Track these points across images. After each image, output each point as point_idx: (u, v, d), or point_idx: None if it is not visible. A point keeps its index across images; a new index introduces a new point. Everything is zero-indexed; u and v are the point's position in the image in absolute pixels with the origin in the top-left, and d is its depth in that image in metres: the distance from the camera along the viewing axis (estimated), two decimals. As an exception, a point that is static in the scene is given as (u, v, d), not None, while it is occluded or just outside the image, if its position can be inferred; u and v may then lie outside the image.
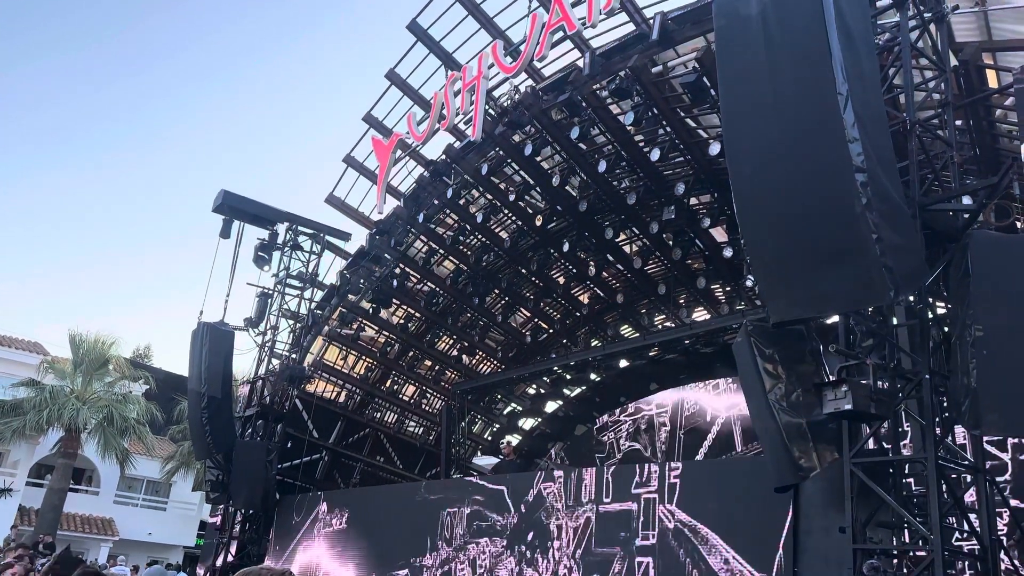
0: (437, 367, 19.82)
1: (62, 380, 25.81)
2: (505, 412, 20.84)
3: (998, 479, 7.52)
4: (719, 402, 14.89)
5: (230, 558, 16.00)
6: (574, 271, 17.63)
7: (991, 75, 9.96)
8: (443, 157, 14.97)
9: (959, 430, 7.62)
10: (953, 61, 8.81)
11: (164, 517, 31.84)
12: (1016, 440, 9.84)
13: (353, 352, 18.59)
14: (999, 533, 7.05)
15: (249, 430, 16.58)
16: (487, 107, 13.31)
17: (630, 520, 9.97)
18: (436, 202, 15.52)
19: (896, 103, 8.20)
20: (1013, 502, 8.64)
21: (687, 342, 16.88)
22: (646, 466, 10.34)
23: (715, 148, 11.79)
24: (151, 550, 29.89)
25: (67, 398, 24.75)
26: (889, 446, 7.55)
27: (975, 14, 9.62)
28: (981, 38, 9.85)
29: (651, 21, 11.43)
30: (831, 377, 7.11)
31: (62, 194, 76.63)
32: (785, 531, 8.21)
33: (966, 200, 7.49)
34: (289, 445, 17.13)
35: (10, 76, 68.56)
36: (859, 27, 6.61)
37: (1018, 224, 9.78)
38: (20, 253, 72.27)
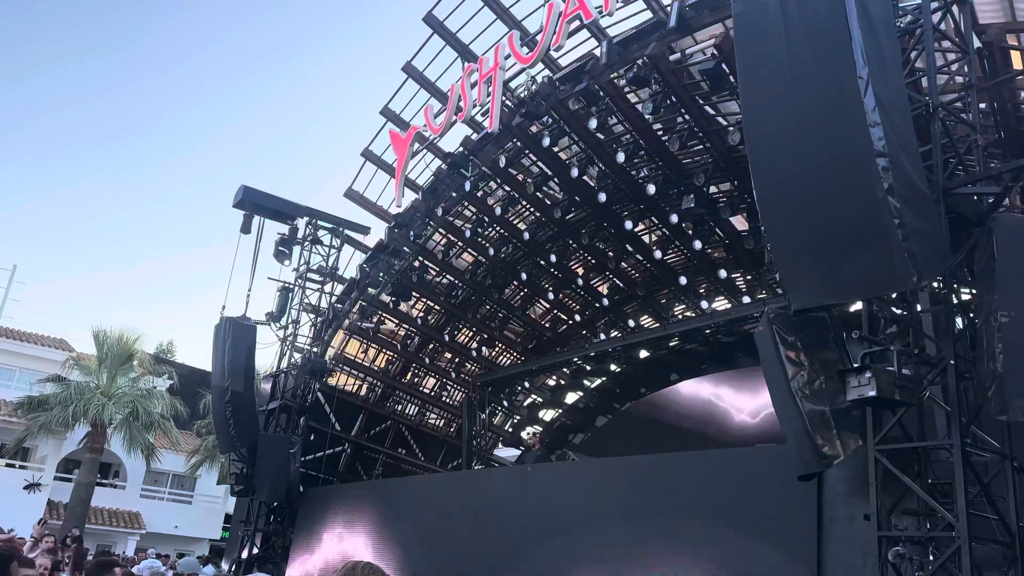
0: (457, 359, 19.87)
1: (87, 376, 26.13)
2: (526, 404, 20.88)
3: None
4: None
5: (255, 550, 16.17)
6: (593, 262, 17.59)
7: (1015, 56, 9.80)
8: (460, 149, 14.98)
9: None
10: (976, 43, 8.66)
11: (190, 510, 32.20)
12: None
13: (374, 345, 18.69)
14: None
15: (272, 423, 16.73)
16: (504, 98, 13.29)
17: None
18: (454, 194, 15.52)
19: (918, 86, 8.10)
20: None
21: (708, 332, 16.82)
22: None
23: (736, 137, 11.69)
24: (177, 543, 30.24)
25: (92, 394, 25.05)
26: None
27: (999, -5, 9.46)
28: (1005, 19, 9.68)
29: (669, 8, 11.33)
30: (854, 364, 7.04)
31: (85, 195, 77.50)
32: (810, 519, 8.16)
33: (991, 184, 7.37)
34: (312, 438, 17.28)
35: (31, 86, 69.35)
36: (880, 10, 6.53)
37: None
38: (46, 254, 73.22)
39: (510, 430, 20.99)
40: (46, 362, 28.47)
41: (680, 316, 19.15)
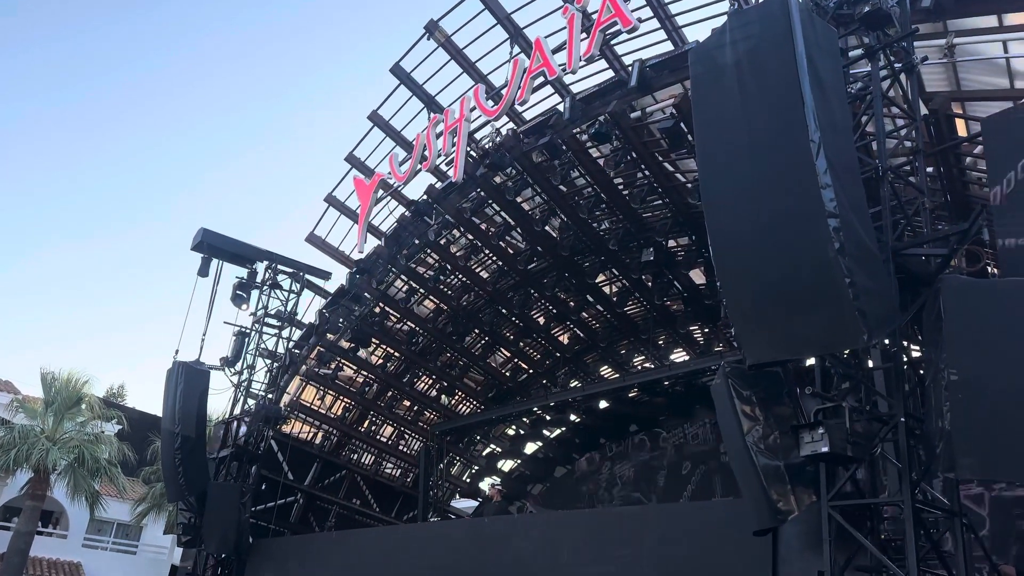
0: (416, 407, 19.67)
1: (33, 420, 25.24)
2: (484, 453, 20.67)
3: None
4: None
5: (201, 604, 15.58)
6: (554, 311, 17.68)
7: (960, 124, 10.22)
8: (424, 197, 15.06)
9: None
10: (923, 110, 9.03)
11: (134, 561, 30.99)
12: (994, 493, 9.91)
13: (331, 392, 18.42)
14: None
15: (223, 471, 16.28)
16: (469, 149, 13.44)
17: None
18: (417, 242, 15.56)
19: (869, 150, 8.39)
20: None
21: (667, 383, 16.93)
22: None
23: (695, 196, 11.96)
24: (119, 596, 29.05)
25: (37, 438, 24.17)
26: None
27: (944, 65, 9.90)
28: (950, 88, 10.13)
29: (630, 68, 11.66)
30: (808, 419, 7.12)
31: (34, 228, 75.99)
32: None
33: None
34: (264, 487, 16.85)
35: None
36: (831, 77, 6.78)
37: (988, 269, 9.95)
38: (-6, 289, 71.17)
39: (468, 480, 20.74)
40: (-10, 404, 27.48)
41: (640, 367, 19.27)
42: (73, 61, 77.78)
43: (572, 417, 19.44)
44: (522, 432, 20.33)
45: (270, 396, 17.08)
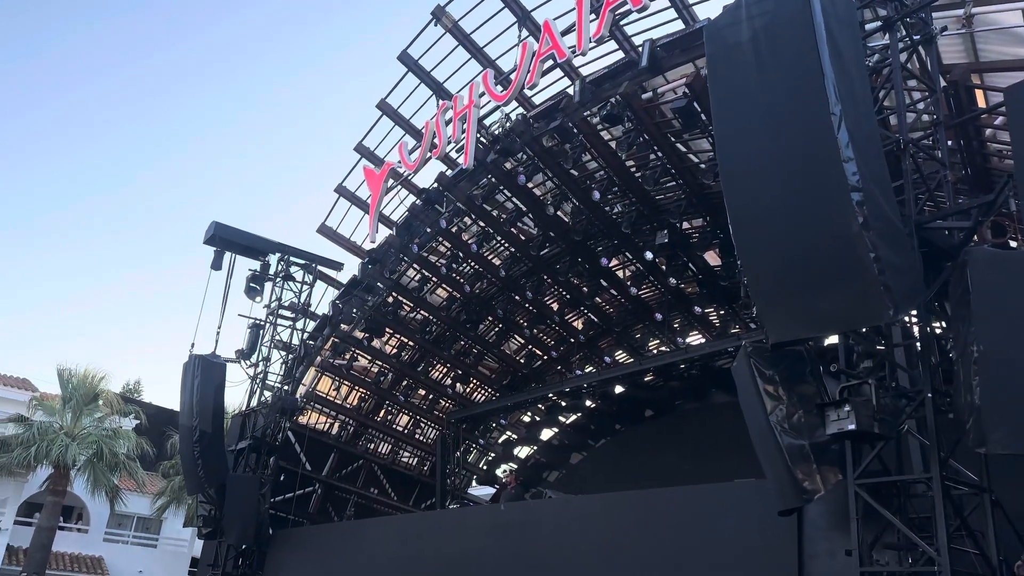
0: (431, 396, 19.68)
1: (51, 416, 25.43)
2: (500, 441, 20.67)
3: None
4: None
5: (223, 595, 15.67)
6: (568, 297, 17.60)
7: (979, 95, 10.04)
8: (435, 185, 14.98)
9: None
10: (942, 82, 8.87)
11: (155, 554, 31.24)
12: None
13: (346, 383, 18.45)
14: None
15: (241, 463, 16.35)
16: (478, 135, 13.34)
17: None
18: (428, 230, 15.49)
19: (887, 124, 8.24)
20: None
21: (683, 367, 16.83)
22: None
23: (709, 176, 11.85)
24: (141, 589, 29.26)
25: (56, 434, 24.36)
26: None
27: (962, 36, 9.72)
28: (968, 59, 9.94)
29: (640, 49, 11.50)
30: (831, 398, 7.03)
31: (45, 225, 76.30)
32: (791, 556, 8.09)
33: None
34: (282, 478, 16.92)
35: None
36: (850, 49, 6.66)
37: (1012, 243, 9.80)
38: (7, 285, 71.62)
39: (484, 468, 20.75)
40: (8, 402, 27.67)
41: (655, 351, 19.18)
42: (86, 52, 77.89)
43: (587, 403, 19.40)
44: (538, 419, 20.33)
45: (286, 388, 17.12)
